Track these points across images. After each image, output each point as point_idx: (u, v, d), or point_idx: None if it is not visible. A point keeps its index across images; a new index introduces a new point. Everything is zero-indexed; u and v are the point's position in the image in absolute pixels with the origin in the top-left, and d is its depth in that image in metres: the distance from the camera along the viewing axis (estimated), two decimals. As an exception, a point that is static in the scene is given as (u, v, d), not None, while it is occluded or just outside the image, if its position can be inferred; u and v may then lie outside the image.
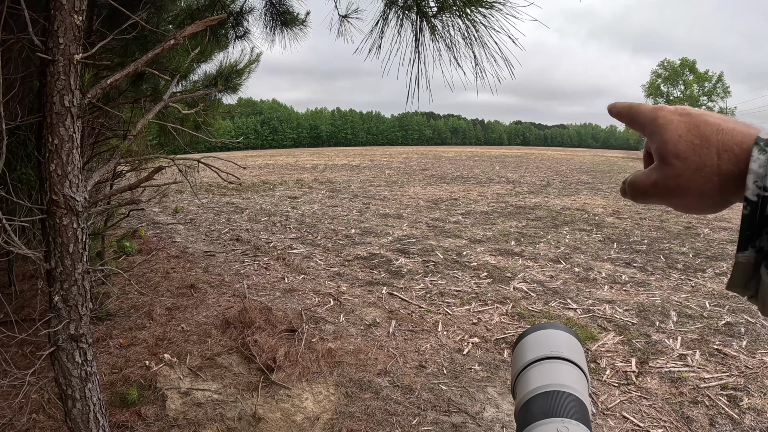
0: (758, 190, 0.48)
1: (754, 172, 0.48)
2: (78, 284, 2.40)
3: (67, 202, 2.27)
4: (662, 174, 0.57)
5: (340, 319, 5.73)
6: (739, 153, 0.51)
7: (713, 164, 0.53)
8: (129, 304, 6.06)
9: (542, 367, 0.66)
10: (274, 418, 3.76)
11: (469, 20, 2.81)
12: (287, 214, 13.61)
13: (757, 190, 0.48)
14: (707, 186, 0.54)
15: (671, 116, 0.58)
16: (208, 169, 3.61)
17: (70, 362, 2.48)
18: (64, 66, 2.18)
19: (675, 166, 0.55)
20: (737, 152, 0.51)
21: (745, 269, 0.50)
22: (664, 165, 0.57)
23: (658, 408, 3.93)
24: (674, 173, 0.56)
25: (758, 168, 0.48)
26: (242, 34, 4.88)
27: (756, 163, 0.48)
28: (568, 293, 6.60)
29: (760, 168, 0.48)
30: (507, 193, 18.24)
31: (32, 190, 4.24)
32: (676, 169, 0.55)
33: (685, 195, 0.56)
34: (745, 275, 0.51)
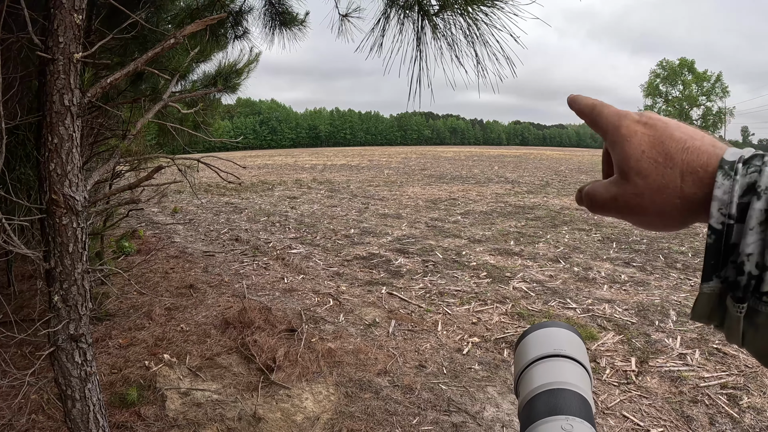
0: (723, 218, 0.46)
1: (719, 199, 0.46)
2: (77, 284, 2.39)
3: (67, 201, 2.27)
4: (622, 190, 0.55)
5: (339, 319, 5.73)
6: (704, 176, 0.49)
7: (676, 186, 0.51)
8: (128, 304, 6.06)
9: (545, 365, 0.66)
10: (274, 418, 3.76)
11: (470, 18, 2.81)
12: (286, 214, 13.61)
13: (721, 218, 0.46)
14: (668, 207, 0.52)
15: (635, 127, 0.55)
16: (207, 169, 3.60)
17: (69, 362, 2.47)
18: (64, 65, 2.18)
19: (636, 184, 0.53)
20: (702, 175, 0.49)
21: (710, 300, 0.48)
22: (625, 181, 0.54)
23: (658, 407, 3.93)
24: (635, 191, 0.53)
25: (722, 195, 0.46)
26: (241, 34, 4.88)
27: (720, 190, 0.46)
28: (568, 293, 6.60)
29: (724, 195, 0.46)
30: (506, 193, 18.24)
31: (31, 189, 4.24)
32: (638, 187, 0.53)
33: (644, 214, 0.54)
34: (709, 306, 0.49)
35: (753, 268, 0.43)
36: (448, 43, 2.96)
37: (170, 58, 4.23)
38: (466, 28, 2.85)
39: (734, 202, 0.45)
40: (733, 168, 0.46)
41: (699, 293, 0.49)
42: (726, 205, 0.46)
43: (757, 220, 0.43)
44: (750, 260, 0.44)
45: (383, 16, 3.00)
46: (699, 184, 0.49)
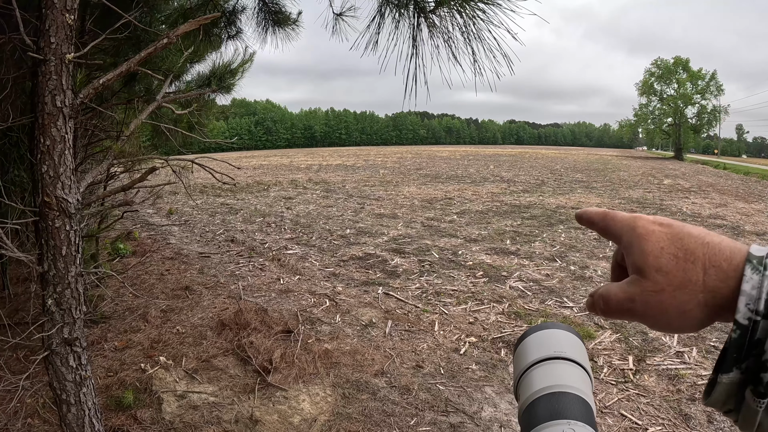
0: (750, 314, 0.44)
1: (747, 294, 0.45)
2: (71, 287, 2.37)
3: (60, 203, 2.25)
4: (641, 288, 0.52)
5: (336, 320, 5.71)
6: (728, 269, 0.48)
7: (699, 280, 0.49)
8: (124, 306, 6.04)
9: (545, 368, 0.65)
10: (270, 420, 3.75)
11: (467, 15, 2.79)
12: (282, 214, 13.59)
13: (749, 313, 0.44)
14: (691, 304, 0.50)
15: (651, 226, 0.54)
16: (202, 170, 3.58)
17: (64, 366, 2.46)
18: (56, 66, 2.16)
19: (657, 281, 0.51)
20: (726, 268, 0.48)
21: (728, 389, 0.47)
22: (644, 279, 0.52)
23: (656, 405, 3.93)
24: (655, 288, 0.51)
25: (751, 290, 0.45)
26: (234, 34, 4.86)
27: (749, 284, 0.45)
28: (564, 291, 6.60)
29: (753, 290, 0.45)
30: (502, 192, 18.25)
31: (25, 192, 4.22)
32: (658, 284, 0.51)
33: (665, 312, 0.51)
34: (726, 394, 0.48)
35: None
36: (444, 40, 2.94)
37: (164, 58, 4.22)
38: (463, 25, 2.84)
39: (763, 298, 0.44)
40: (762, 263, 0.45)
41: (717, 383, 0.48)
42: (754, 300, 0.44)
43: None
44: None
45: (378, 13, 2.99)
46: (723, 277, 0.48)
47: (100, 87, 2.38)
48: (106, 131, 5.65)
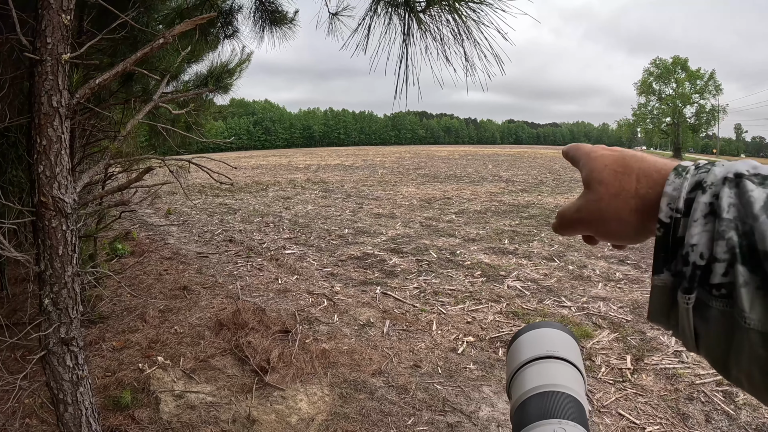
0: (671, 212, 0.48)
1: (668, 195, 0.49)
2: (68, 287, 2.37)
3: (56, 203, 2.25)
4: (585, 199, 0.59)
5: (334, 320, 5.71)
6: (657, 177, 0.53)
7: (632, 188, 0.55)
8: (122, 306, 6.03)
9: (538, 367, 0.65)
10: (268, 420, 3.75)
11: (458, 15, 2.79)
12: (280, 214, 13.59)
13: (670, 211, 0.48)
14: (625, 210, 0.55)
15: (603, 151, 0.61)
16: (200, 170, 3.58)
17: (61, 366, 2.46)
18: (52, 66, 2.16)
19: (597, 191, 0.57)
20: (656, 177, 0.53)
21: (663, 294, 0.49)
22: (588, 191, 0.59)
23: (654, 405, 3.93)
24: (596, 197, 0.58)
25: (672, 190, 0.49)
26: (231, 33, 4.86)
27: (671, 186, 0.49)
28: (563, 291, 6.60)
29: (674, 190, 0.49)
30: (500, 192, 18.24)
31: (23, 192, 4.22)
32: (598, 193, 0.57)
33: (605, 219, 0.57)
34: (663, 302, 0.50)
35: (697, 258, 0.44)
36: (435, 40, 2.94)
37: (161, 58, 4.21)
38: (454, 24, 2.83)
39: (682, 197, 0.48)
40: (685, 170, 0.50)
41: (651, 287, 0.51)
42: (674, 199, 0.48)
43: (702, 212, 0.45)
44: (694, 251, 0.45)
45: (369, 12, 2.98)
46: (652, 184, 0.53)
47: (97, 87, 2.38)
48: (104, 131, 5.65)
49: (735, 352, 0.43)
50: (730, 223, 0.42)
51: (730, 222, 0.42)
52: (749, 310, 0.40)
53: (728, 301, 0.42)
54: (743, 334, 0.41)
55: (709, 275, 0.43)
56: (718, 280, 0.43)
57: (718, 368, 0.47)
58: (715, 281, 0.43)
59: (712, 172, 0.47)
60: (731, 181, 0.45)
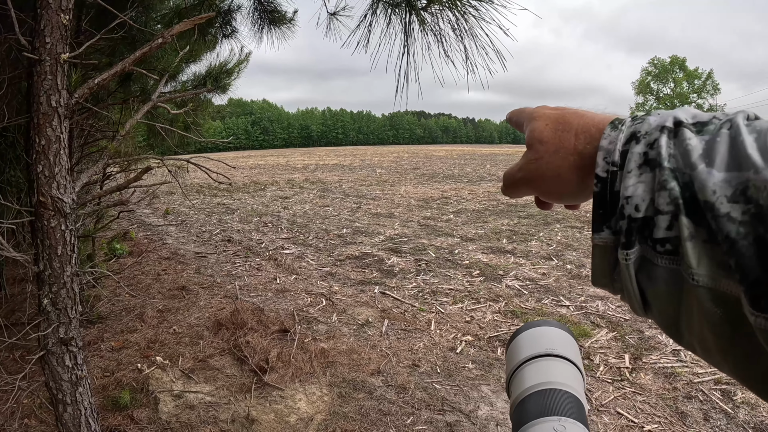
0: (607, 166, 0.47)
1: (604, 149, 0.47)
2: (67, 287, 2.37)
3: (55, 203, 2.25)
4: (526, 159, 0.58)
5: (332, 319, 5.71)
6: (595, 132, 0.51)
7: (570, 145, 0.53)
8: (120, 306, 6.03)
9: (537, 365, 0.65)
10: (267, 420, 3.75)
11: (458, 12, 2.79)
12: (278, 214, 13.58)
13: (606, 165, 0.47)
14: (564, 168, 0.54)
15: (545, 110, 0.59)
16: (198, 170, 3.58)
17: (60, 366, 2.46)
18: (51, 65, 2.16)
19: (537, 150, 0.56)
20: (593, 132, 0.52)
21: (605, 254, 0.48)
22: (529, 150, 0.58)
23: (653, 403, 3.93)
24: (535, 156, 0.56)
25: (608, 144, 0.47)
26: (230, 33, 4.86)
27: (606, 140, 0.48)
28: (561, 290, 6.61)
29: (609, 144, 0.47)
30: (498, 192, 18.21)
31: (22, 192, 4.22)
32: (538, 152, 0.56)
33: (544, 177, 0.56)
34: (605, 262, 0.48)
35: (632, 210, 0.43)
36: (436, 37, 2.94)
37: (159, 58, 4.21)
38: (455, 21, 2.83)
39: (617, 149, 0.46)
40: (621, 122, 0.48)
41: (592, 248, 0.49)
42: (610, 153, 0.47)
43: (636, 162, 0.44)
44: (629, 203, 0.43)
45: (370, 10, 2.98)
46: (590, 140, 0.52)
47: (95, 87, 2.38)
48: (102, 131, 5.65)
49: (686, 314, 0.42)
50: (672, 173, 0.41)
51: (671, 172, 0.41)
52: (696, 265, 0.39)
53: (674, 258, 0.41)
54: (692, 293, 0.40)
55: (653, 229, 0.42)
56: (662, 234, 0.41)
57: (671, 333, 0.46)
58: (659, 236, 0.41)
59: (647, 122, 0.46)
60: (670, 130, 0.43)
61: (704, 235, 0.38)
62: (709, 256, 0.38)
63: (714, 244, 0.37)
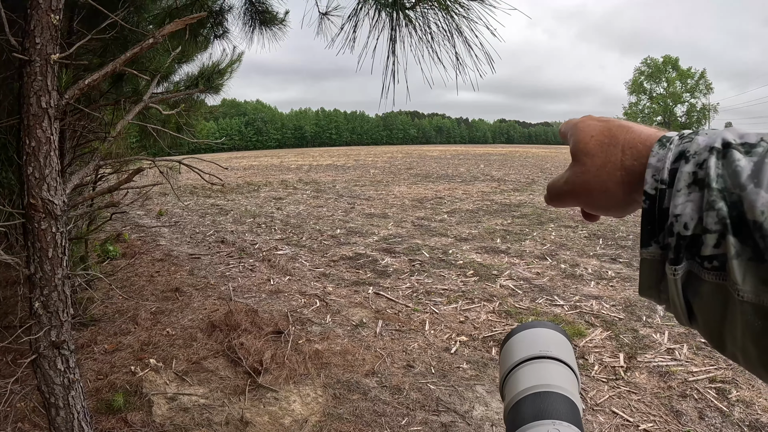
0: (656, 183, 0.47)
1: (653, 166, 0.48)
2: (58, 290, 2.36)
3: (46, 205, 2.23)
4: (572, 171, 0.59)
5: (326, 320, 5.70)
6: (642, 149, 0.52)
7: (617, 160, 0.54)
8: (113, 308, 6.01)
9: (531, 367, 0.65)
10: (261, 422, 3.73)
11: (447, 12, 2.78)
12: (272, 215, 13.56)
13: (654, 183, 0.48)
14: (611, 182, 0.55)
15: (590, 121, 0.59)
16: (191, 171, 3.57)
17: (52, 370, 2.44)
18: (41, 66, 2.15)
19: (584, 163, 0.57)
20: (641, 149, 0.52)
21: (652, 267, 0.49)
22: (575, 163, 0.58)
23: (647, 402, 3.94)
24: (582, 169, 0.57)
25: (656, 162, 0.48)
26: (221, 34, 4.84)
27: (655, 158, 0.49)
28: (555, 290, 6.62)
29: (658, 162, 0.48)
30: (492, 191, 18.27)
31: (13, 194, 4.19)
32: (585, 165, 0.57)
33: (591, 191, 0.57)
34: (652, 275, 0.50)
35: (681, 228, 0.44)
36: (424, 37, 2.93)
37: (151, 58, 4.19)
38: (443, 21, 2.82)
39: (666, 167, 0.47)
40: (669, 140, 0.49)
41: (641, 261, 0.50)
42: (659, 171, 0.48)
43: (685, 182, 0.45)
44: (678, 221, 0.45)
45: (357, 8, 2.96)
46: (637, 156, 0.52)
47: (86, 87, 2.37)
48: (94, 132, 5.62)
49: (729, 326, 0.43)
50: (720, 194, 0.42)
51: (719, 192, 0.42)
52: (742, 282, 0.40)
53: (721, 273, 0.42)
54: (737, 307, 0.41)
55: (701, 247, 0.43)
56: (710, 252, 0.42)
57: (714, 343, 0.47)
58: (706, 253, 0.43)
59: (695, 141, 0.46)
60: (719, 151, 0.44)
61: (750, 253, 0.40)
62: (754, 273, 0.39)
63: (759, 261, 0.39)
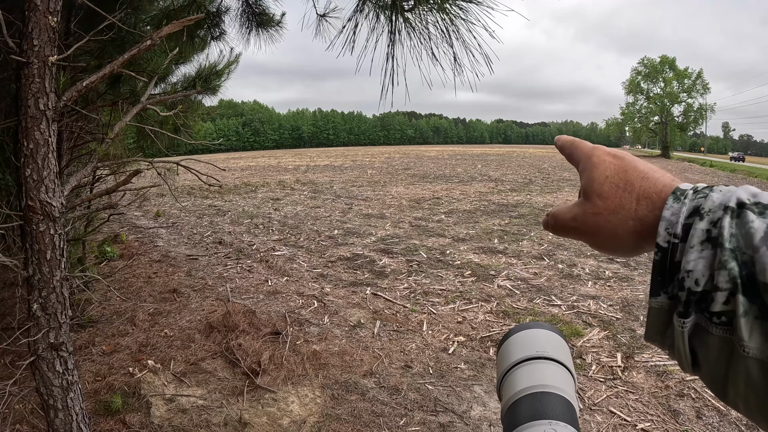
0: (669, 237, 0.48)
1: (667, 219, 0.48)
2: (56, 291, 2.36)
3: (44, 207, 2.23)
4: (582, 210, 0.58)
5: (324, 321, 5.70)
6: (657, 201, 0.52)
7: (631, 208, 0.53)
8: (111, 310, 6.00)
9: (528, 367, 0.65)
10: (260, 423, 3.74)
11: (445, 14, 2.78)
12: (270, 216, 13.55)
13: (668, 236, 0.48)
14: (622, 228, 0.54)
15: (605, 157, 0.59)
16: (189, 172, 3.57)
17: (50, 371, 2.44)
18: (39, 68, 2.15)
19: (596, 204, 0.56)
20: (655, 200, 0.52)
21: (660, 315, 0.49)
22: (587, 202, 0.58)
23: (645, 402, 3.95)
24: (594, 211, 0.56)
25: (671, 216, 0.48)
26: (218, 35, 4.84)
27: (669, 211, 0.49)
28: (552, 290, 6.62)
29: (672, 215, 0.48)
30: (489, 192, 18.28)
31: (11, 196, 4.19)
32: (597, 207, 0.56)
33: (599, 234, 0.57)
34: (659, 323, 0.50)
35: (692, 284, 0.45)
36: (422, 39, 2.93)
37: (148, 60, 4.19)
38: (441, 23, 2.82)
39: (680, 222, 0.47)
40: (684, 194, 0.49)
41: (648, 309, 0.51)
42: (672, 225, 0.48)
43: (698, 239, 0.45)
44: (690, 277, 0.45)
45: (356, 11, 2.96)
46: (652, 207, 0.52)
47: (84, 89, 2.37)
48: (92, 134, 5.61)
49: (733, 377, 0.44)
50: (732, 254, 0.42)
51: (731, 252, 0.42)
52: (748, 338, 0.41)
53: (728, 328, 0.43)
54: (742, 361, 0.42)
55: (711, 303, 0.43)
56: (719, 308, 0.43)
57: (716, 391, 0.47)
58: (715, 309, 0.43)
59: (710, 198, 0.47)
60: (733, 211, 0.44)
61: (757, 311, 0.41)
62: (760, 331, 0.41)
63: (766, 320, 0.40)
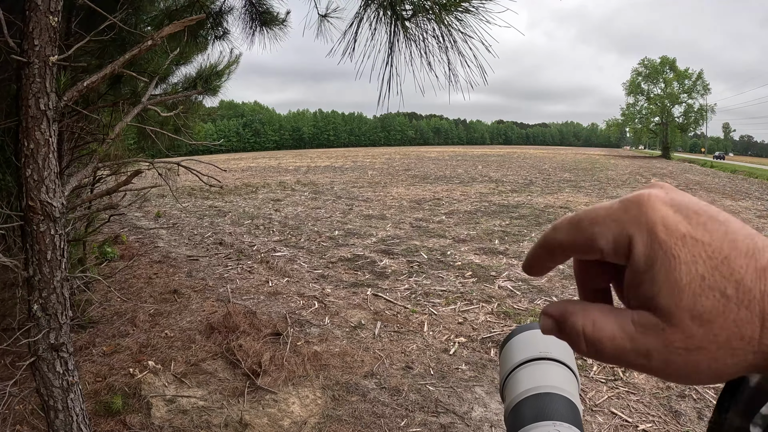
0: None
1: None
2: (57, 292, 2.35)
3: (44, 207, 2.23)
4: (664, 343, 0.31)
5: (325, 322, 5.70)
6: None
7: (755, 336, 0.29)
8: (112, 311, 5.99)
9: (531, 368, 0.65)
10: (260, 424, 3.73)
11: (443, 24, 2.78)
12: (270, 216, 13.54)
13: None
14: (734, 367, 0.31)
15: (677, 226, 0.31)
16: (189, 172, 3.57)
17: (51, 372, 2.44)
18: (40, 68, 2.14)
19: (692, 334, 0.30)
20: None
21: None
22: (672, 328, 0.31)
23: (646, 403, 3.94)
24: (688, 345, 0.31)
25: None
26: (221, 35, 4.83)
27: None
28: (553, 290, 6.62)
29: None
30: (490, 192, 18.28)
31: (11, 196, 4.19)
32: (694, 338, 0.30)
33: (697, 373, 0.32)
34: None
35: None
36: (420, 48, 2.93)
37: (149, 60, 4.19)
38: (439, 33, 2.82)
39: None
40: None
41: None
42: None
43: None
44: None
45: (356, 18, 2.96)
46: None
47: (84, 89, 2.37)
48: (92, 134, 5.61)
49: None
50: None
51: None
52: None
53: None
54: None
55: None
56: None
57: None
58: None
59: None
60: None
61: None
62: None
63: None
